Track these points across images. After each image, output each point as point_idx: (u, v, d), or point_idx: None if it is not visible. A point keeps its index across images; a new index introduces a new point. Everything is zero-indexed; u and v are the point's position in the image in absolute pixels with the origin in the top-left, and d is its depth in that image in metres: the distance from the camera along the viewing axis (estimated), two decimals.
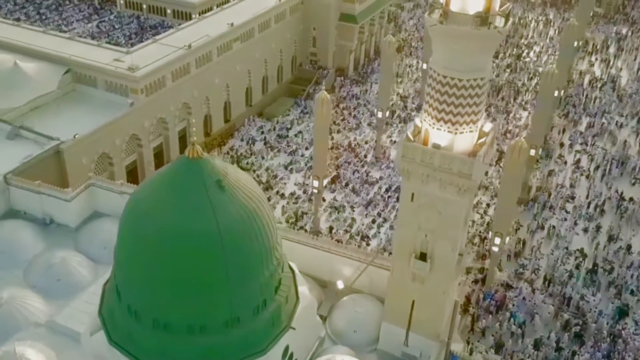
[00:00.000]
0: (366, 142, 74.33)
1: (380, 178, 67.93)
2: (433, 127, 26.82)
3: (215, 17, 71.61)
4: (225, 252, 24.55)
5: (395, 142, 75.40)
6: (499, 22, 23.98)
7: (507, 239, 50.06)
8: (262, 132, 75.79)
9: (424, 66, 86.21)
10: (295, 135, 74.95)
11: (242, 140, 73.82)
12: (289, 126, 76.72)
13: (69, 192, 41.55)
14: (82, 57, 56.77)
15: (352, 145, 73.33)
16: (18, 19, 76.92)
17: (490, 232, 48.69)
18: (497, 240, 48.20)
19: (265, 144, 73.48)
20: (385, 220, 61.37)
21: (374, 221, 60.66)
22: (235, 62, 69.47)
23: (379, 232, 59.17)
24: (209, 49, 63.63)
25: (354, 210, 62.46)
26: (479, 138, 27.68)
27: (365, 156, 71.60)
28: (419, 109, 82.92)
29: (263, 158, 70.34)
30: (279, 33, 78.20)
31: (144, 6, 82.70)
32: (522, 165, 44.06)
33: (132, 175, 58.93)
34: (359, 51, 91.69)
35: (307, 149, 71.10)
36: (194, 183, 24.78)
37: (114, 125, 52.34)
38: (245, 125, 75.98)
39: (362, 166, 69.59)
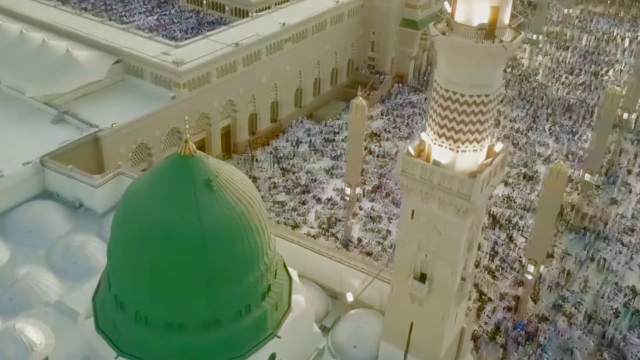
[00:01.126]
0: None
1: None
2: (435, 143, 25.97)
3: (269, 16, 72.90)
4: (206, 252, 24.89)
5: None
6: (507, 36, 22.87)
7: (543, 267, 47.63)
8: (309, 135, 76.23)
9: None
10: (343, 140, 74.68)
11: (287, 141, 74.57)
12: (337, 130, 76.73)
13: (98, 178, 43.50)
14: (132, 49, 59.37)
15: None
16: (85, 9, 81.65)
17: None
18: (531, 268, 46.02)
19: (310, 146, 73.86)
20: None
21: None
22: (285, 62, 70.31)
23: None
24: (257, 48, 64.79)
25: (390, 222, 61.51)
26: (488, 158, 26.52)
27: None
28: None
29: (305, 160, 70.73)
30: (335, 35, 78.40)
31: (204, 2, 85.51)
32: (561, 190, 41.83)
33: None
34: (420, 58, 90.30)
35: None
36: (183, 180, 25.33)
37: (153, 117, 54.40)
38: (293, 126, 76.71)
39: None
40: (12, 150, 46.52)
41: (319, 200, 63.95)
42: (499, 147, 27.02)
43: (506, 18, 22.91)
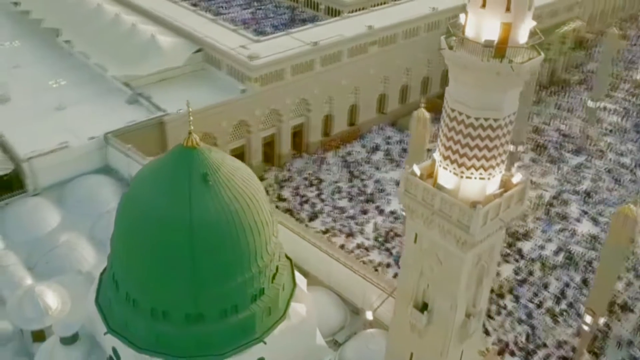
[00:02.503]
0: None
1: None
2: (440, 165, 24.61)
3: (359, 17, 72.93)
4: (193, 246, 25.53)
5: (534, 182, 69.79)
6: (522, 56, 21.10)
7: (603, 319, 43.61)
8: (388, 143, 75.38)
9: (589, 103, 78.05)
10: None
11: (363, 146, 74.28)
12: None
13: (149, 160, 46.02)
14: (214, 39, 62.18)
15: None
16: None
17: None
18: (588, 319, 42.27)
19: (386, 155, 73.06)
20: None
21: None
22: (369, 66, 70.02)
23: None
24: (338, 49, 65.09)
25: None
26: (502, 188, 24.68)
27: None
28: (578, 151, 75.68)
29: (378, 169, 70.07)
30: (429, 42, 76.54)
31: None
32: (627, 236, 37.92)
33: (240, 158, 62.84)
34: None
35: None
36: (181, 172, 26.16)
37: (221, 108, 56.63)
38: (372, 132, 76.17)
39: None
40: (84, 125, 50.71)
41: (381, 211, 63.16)
42: (517, 178, 25.04)
43: (522, 37, 21.15)
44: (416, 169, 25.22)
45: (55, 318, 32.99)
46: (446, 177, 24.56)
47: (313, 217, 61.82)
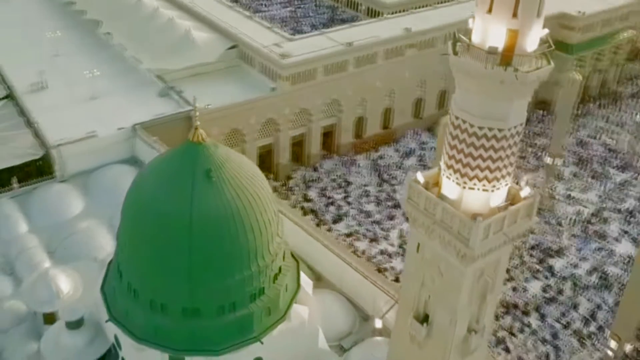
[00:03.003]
0: (536, 187, 67.58)
1: (531, 232, 61.55)
2: (444, 174, 24.09)
3: (397, 19, 72.32)
4: (192, 240, 25.94)
5: (573, 198, 67.82)
6: (530, 65, 20.40)
7: (630, 345, 41.90)
8: (423, 148, 74.44)
9: (638, 117, 75.09)
10: None
11: (396, 151, 73.65)
12: None
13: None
14: (248, 36, 62.85)
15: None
16: None
17: None
18: (613, 344, 40.74)
19: (420, 160, 72.19)
20: (512, 278, 56.02)
21: None
22: (405, 69, 69.35)
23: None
24: (373, 50, 64.72)
25: None
26: (508, 202, 23.99)
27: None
28: (624, 167, 73.04)
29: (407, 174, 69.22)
30: None
31: None
32: None
33: (268, 156, 63.71)
34: (576, 86, 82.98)
35: None
36: (185, 167, 26.66)
37: (250, 105, 57.18)
38: (407, 136, 75.39)
39: None
40: (115, 115, 52.12)
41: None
42: (526, 192, 24.25)
43: (530, 45, 20.45)
44: (420, 176, 24.80)
45: (66, 302, 34.02)
46: (449, 186, 24.06)
47: (337, 219, 61.65)
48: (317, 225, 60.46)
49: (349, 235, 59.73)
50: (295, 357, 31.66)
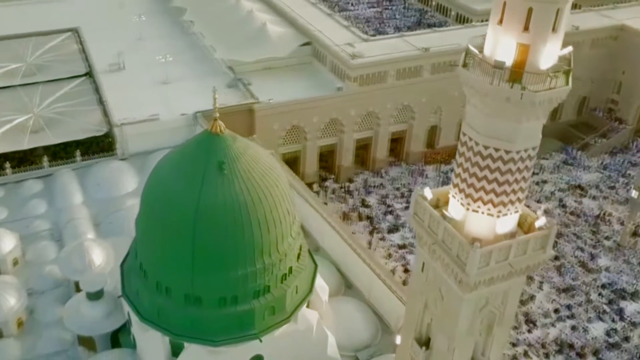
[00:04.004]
0: (621, 223, 62.90)
1: (606, 269, 57.54)
2: (450, 193, 23.06)
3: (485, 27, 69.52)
4: (196, 230, 26.73)
5: None
6: (543, 84, 19.00)
7: None
8: None
9: None
10: (539, 184, 68.24)
11: None
12: (537, 170, 70.33)
13: None
14: (323, 34, 63.31)
15: (601, 216, 62.88)
16: None
17: None
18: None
19: None
20: (572, 316, 52.65)
21: (557, 311, 52.64)
22: None
23: (554, 326, 51.37)
24: (452, 58, 62.81)
25: (541, 289, 55.33)
26: (521, 229, 22.61)
27: (607, 237, 60.93)
28: None
29: None
30: None
31: (433, 3, 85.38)
32: None
33: (330, 157, 63.96)
34: None
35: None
36: (199, 157, 27.46)
37: (313, 103, 57.62)
38: None
39: (594, 246, 59.62)
40: (181, 101, 54.51)
41: None
42: (541, 222, 22.69)
43: (545, 62, 19.04)
44: (428, 192, 23.94)
45: (95, 274, 36.06)
46: (455, 206, 23.09)
47: (393, 229, 60.65)
48: (371, 232, 60.02)
49: (402, 247, 58.59)
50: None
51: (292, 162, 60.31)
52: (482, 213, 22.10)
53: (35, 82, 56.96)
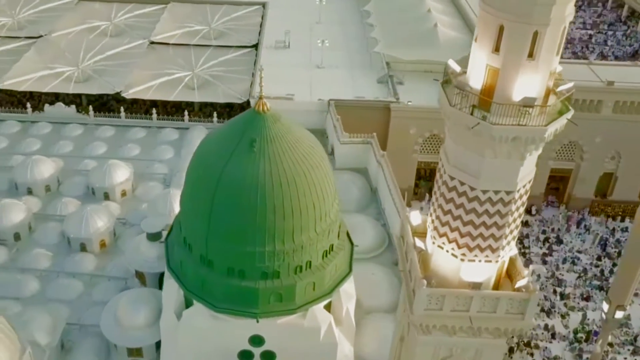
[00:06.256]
0: None
1: None
2: (428, 220, 21.39)
3: None
4: (214, 201, 28.56)
5: None
6: (510, 117, 16.68)
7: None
8: None
9: None
10: None
11: None
12: None
13: (346, 136, 49.65)
14: None
15: None
16: None
17: None
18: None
19: None
20: None
21: None
22: None
23: None
24: None
25: None
26: (497, 280, 20.31)
27: None
28: None
29: None
30: None
31: None
32: None
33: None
34: None
35: None
36: (236, 133, 29.13)
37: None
38: None
39: None
40: (327, 87, 57.00)
41: None
42: (523, 282, 19.99)
43: (518, 93, 16.64)
44: (415, 216, 22.58)
45: (156, 217, 40.05)
46: (428, 237, 21.48)
47: None
48: None
49: None
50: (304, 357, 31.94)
51: (429, 174, 59.13)
52: (447, 251, 20.33)
53: (208, 44, 64.33)
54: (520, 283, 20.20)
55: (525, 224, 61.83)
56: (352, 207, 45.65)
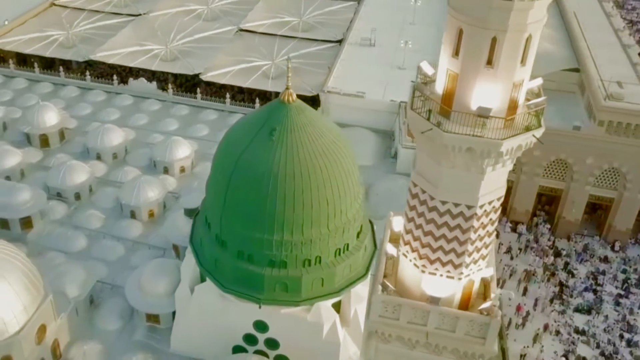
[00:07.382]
0: None
1: None
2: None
3: None
4: (229, 184, 29.83)
5: None
6: (465, 127, 15.99)
7: None
8: None
9: None
10: None
11: None
12: None
13: (408, 140, 49.06)
14: (594, 63, 56.72)
15: None
16: None
17: None
18: None
19: None
20: None
21: None
22: None
23: None
24: None
25: None
26: (465, 300, 19.60)
27: None
28: None
29: None
30: None
31: None
32: None
33: (554, 201, 57.93)
34: None
35: None
36: (259, 122, 30.06)
37: (573, 138, 52.57)
38: None
39: None
40: (403, 89, 56.43)
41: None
42: (486, 305, 19.19)
43: (476, 101, 15.94)
44: (398, 221, 22.26)
45: (195, 194, 41.93)
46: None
47: (584, 310, 52.46)
48: (552, 300, 52.94)
49: (580, 332, 50.60)
50: (297, 353, 32.26)
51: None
52: (410, 261, 19.94)
53: (294, 36, 65.76)
54: (483, 305, 19.40)
55: (604, 259, 57.63)
56: None
